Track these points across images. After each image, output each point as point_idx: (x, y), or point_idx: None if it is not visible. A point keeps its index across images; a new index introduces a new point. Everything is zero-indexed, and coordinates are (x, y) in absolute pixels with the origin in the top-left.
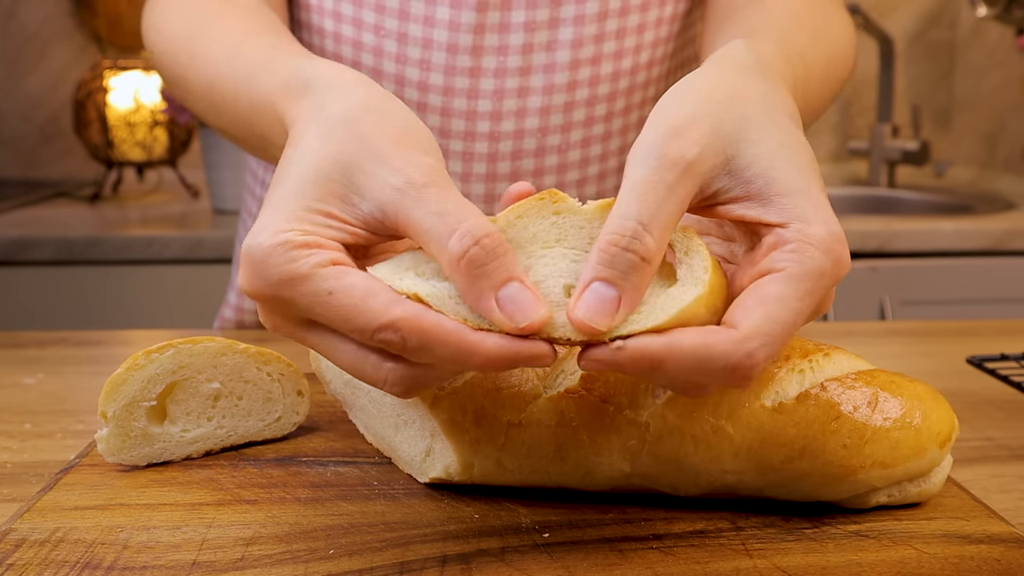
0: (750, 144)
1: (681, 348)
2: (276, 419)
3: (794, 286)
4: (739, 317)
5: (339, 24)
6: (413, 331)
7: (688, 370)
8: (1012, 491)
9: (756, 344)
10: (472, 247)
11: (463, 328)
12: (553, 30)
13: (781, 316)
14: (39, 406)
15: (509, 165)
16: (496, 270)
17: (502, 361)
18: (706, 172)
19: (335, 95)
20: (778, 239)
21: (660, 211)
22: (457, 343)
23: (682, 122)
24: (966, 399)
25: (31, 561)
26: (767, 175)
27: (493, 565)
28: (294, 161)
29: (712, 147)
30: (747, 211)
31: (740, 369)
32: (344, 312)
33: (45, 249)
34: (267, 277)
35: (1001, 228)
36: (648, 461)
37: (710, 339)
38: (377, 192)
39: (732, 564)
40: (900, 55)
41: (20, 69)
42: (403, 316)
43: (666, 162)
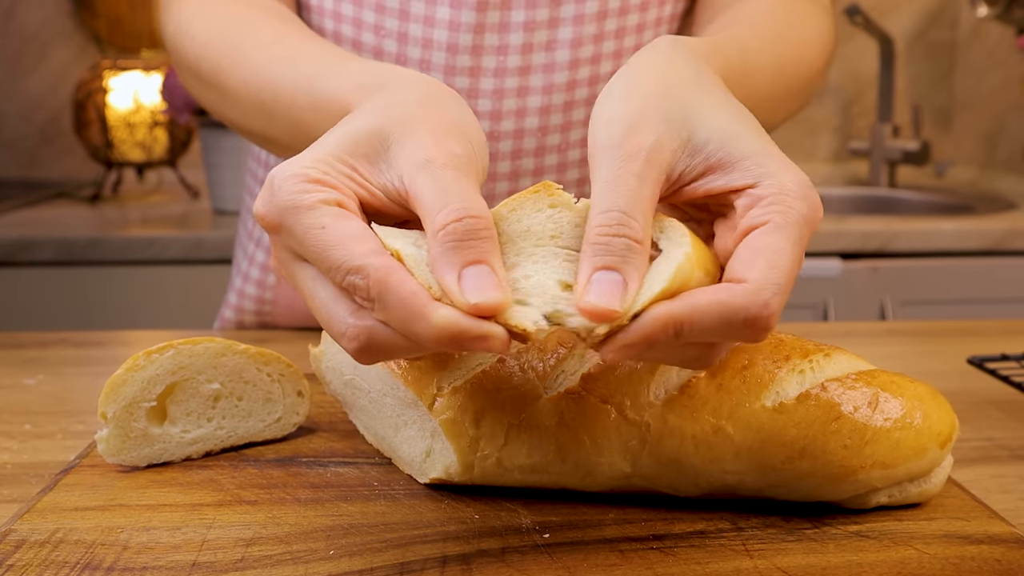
0: (701, 122)
1: (700, 307)
2: (276, 420)
3: (786, 234)
4: (743, 271)
5: (339, 24)
6: (377, 281)
7: (709, 329)
8: (1013, 491)
9: (770, 293)
10: (455, 222)
11: (423, 292)
12: (553, 30)
13: (783, 264)
14: (39, 407)
15: (509, 164)
16: (471, 248)
17: (449, 333)
18: (667, 159)
19: (403, 84)
20: (752, 199)
21: (635, 198)
22: (411, 304)
23: (632, 118)
24: (967, 399)
25: (31, 562)
26: (726, 146)
27: (493, 566)
28: (342, 124)
29: (667, 134)
30: (714, 183)
31: (760, 320)
32: (328, 247)
33: (45, 250)
34: (277, 201)
35: (1002, 228)
36: (648, 462)
37: (723, 295)
38: (402, 163)
39: (733, 564)
40: (900, 55)
41: (20, 70)
42: (374, 264)
43: (628, 155)
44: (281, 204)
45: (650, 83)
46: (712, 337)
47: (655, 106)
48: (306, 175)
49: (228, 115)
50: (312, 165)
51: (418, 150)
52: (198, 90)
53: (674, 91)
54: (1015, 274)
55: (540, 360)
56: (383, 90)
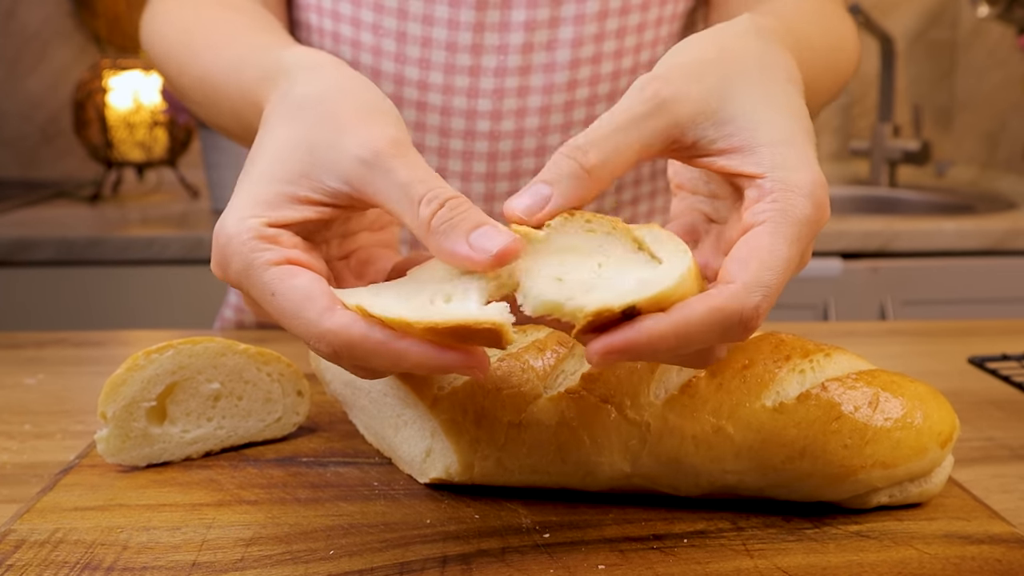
0: (735, 97)
1: (695, 318)
2: (276, 419)
3: (782, 234)
4: (735, 271)
5: (338, 24)
6: (343, 345)
7: (706, 338)
8: (1013, 491)
9: (759, 296)
10: (439, 209)
11: (389, 338)
12: (553, 29)
13: (775, 265)
14: (39, 407)
15: (509, 164)
16: (465, 219)
17: (430, 366)
18: (683, 116)
19: (304, 77)
20: (759, 191)
21: (612, 135)
22: (385, 353)
23: (668, 69)
24: (967, 399)
25: (31, 562)
26: (750, 128)
27: (493, 565)
28: (263, 143)
29: (691, 93)
30: (728, 162)
31: (746, 322)
32: (284, 317)
33: (45, 249)
34: (229, 265)
35: (1002, 228)
36: (648, 461)
37: (716, 301)
38: (344, 167)
39: (733, 564)
40: (901, 55)
41: (20, 69)
42: (331, 329)
43: (640, 97)
44: (233, 268)
45: (710, 47)
46: (709, 343)
47: (697, 68)
48: (251, 230)
49: (191, 108)
50: (252, 214)
51: (354, 147)
52: (168, 85)
53: (727, 58)
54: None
55: (540, 360)
56: (282, 76)
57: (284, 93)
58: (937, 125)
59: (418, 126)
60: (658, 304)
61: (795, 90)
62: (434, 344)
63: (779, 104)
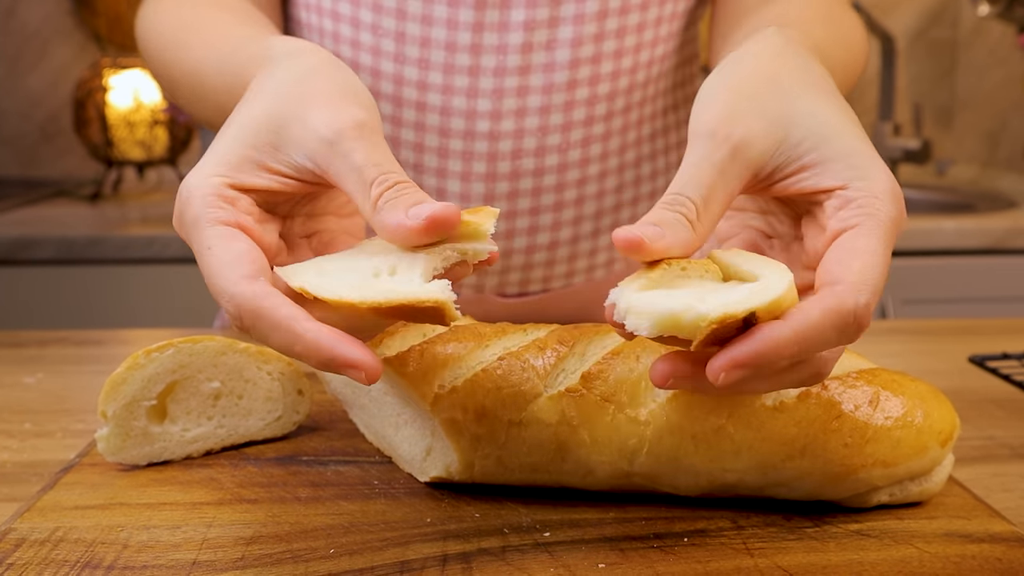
0: (800, 119)
1: (813, 320)
2: (276, 418)
3: (876, 236)
4: (839, 273)
5: (337, 24)
6: (249, 312)
7: (827, 340)
8: (1014, 490)
9: (868, 294)
10: (387, 190)
11: (296, 315)
12: (553, 29)
13: (877, 263)
14: (39, 405)
15: (509, 164)
16: (406, 197)
17: (320, 354)
18: (756, 154)
19: (286, 63)
20: (842, 200)
21: (704, 185)
22: (285, 328)
23: (729, 109)
24: (968, 398)
25: (31, 561)
26: (820, 146)
27: (494, 564)
28: (238, 114)
29: (760, 130)
30: (805, 182)
31: (860, 319)
32: (209, 273)
33: (45, 248)
34: (183, 216)
35: (1003, 227)
36: (648, 460)
37: (829, 302)
38: (309, 143)
39: (733, 563)
40: (902, 53)
41: (20, 68)
42: (243, 293)
43: (715, 144)
44: (186, 219)
45: (756, 75)
46: (828, 346)
47: (755, 100)
48: (211, 187)
49: (180, 103)
50: (217, 172)
51: (320, 126)
52: (157, 81)
53: (778, 86)
54: (1016, 272)
55: (540, 358)
56: (266, 61)
57: (267, 74)
58: (938, 124)
59: (417, 126)
60: (773, 312)
61: (838, 98)
62: (338, 334)
63: (837, 115)
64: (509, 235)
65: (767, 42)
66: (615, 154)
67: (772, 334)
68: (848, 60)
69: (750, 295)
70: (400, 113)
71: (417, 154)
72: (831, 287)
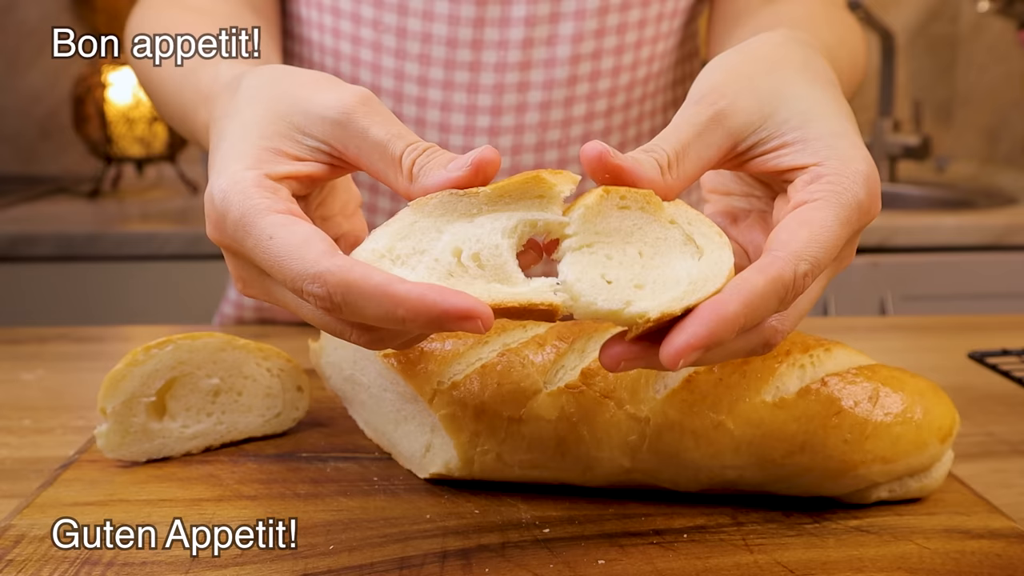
0: (790, 101)
1: (757, 291)
2: (276, 415)
3: (835, 213)
4: (784, 239)
5: (338, 20)
6: (338, 285)
7: (769, 309)
8: (1013, 486)
9: (807, 265)
10: (420, 156)
11: (390, 279)
12: (553, 25)
13: (824, 239)
14: (39, 402)
15: (509, 160)
16: (440, 156)
17: (429, 312)
18: (739, 125)
19: (249, 75)
20: (813, 175)
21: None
22: (382, 295)
23: (721, 82)
24: (967, 394)
25: (30, 557)
26: (803, 125)
27: (493, 560)
28: (229, 121)
29: (746, 103)
30: (782, 159)
31: (796, 289)
32: (280, 259)
33: (44, 245)
34: (227, 217)
35: (1002, 223)
36: (648, 456)
37: (772, 271)
38: (319, 127)
39: (733, 559)
40: (901, 50)
41: (19, 64)
42: (329, 269)
43: (699, 108)
44: (231, 219)
45: (756, 58)
46: (769, 314)
47: (751, 79)
48: (247, 180)
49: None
50: (246, 168)
51: (323, 110)
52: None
53: (776, 69)
54: (1016, 269)
55: (540, 355)
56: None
57: (234, 88)
58: (937, 120)
59: (418, 121)
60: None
61: (836, 91)
62: (440, 288)
63: (828, 102)
64: None
65: (772, 36)
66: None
67: (721, 311)
68: (851, 65)
69: (690, 290)
70: (400, 108)
71: None
72: (773, 253)
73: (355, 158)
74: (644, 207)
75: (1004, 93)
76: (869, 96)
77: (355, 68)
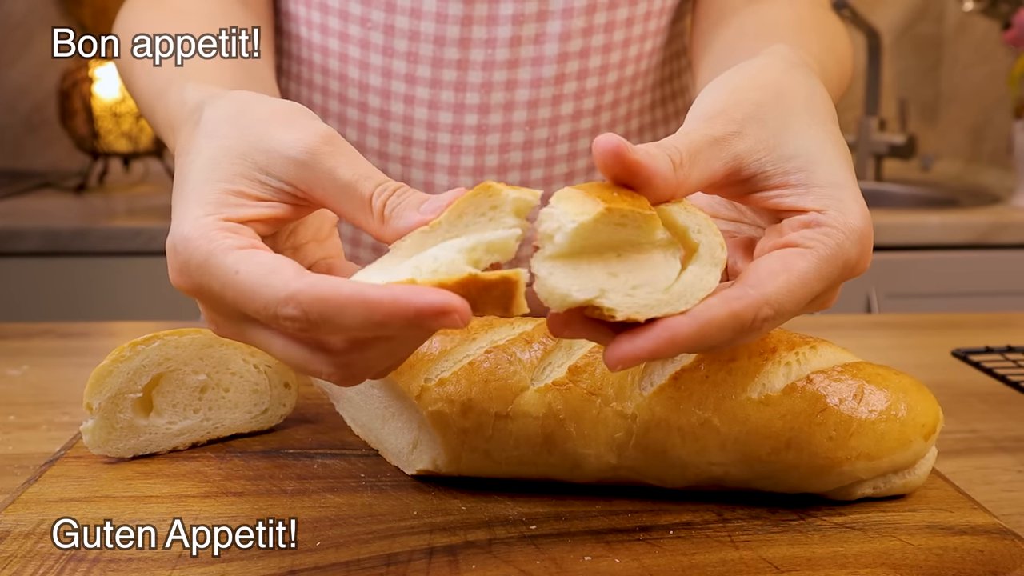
0: (794, 136)
1: (715, 322)
2: (263, 411)
3: (817, 268)
4: (762, 279)
5: (326, 16)
6: (313, 302)
7: (719, 338)
8: (995, 483)
9: (773, 311)
10: (389, 200)
11: (361, 287)
12: (541, 23)
13: (799, 294)
14: (24, 398)
15: (497, 158)
16: (413, 196)
17: (405, 311)
18: (745, 149)
19: (210, 105)
20: (812, 219)
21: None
22: (357, 303)
23: (729, 104)
24: (951, 391)
25: (15, 553)
26: (808, 168)
27: (480, 557)
28: (191, 159)
29: (754, 131)
30: (785, 199)
31: (755, 331)
32: (249, 291)
33: (30, 240)
34: (190, 262)
35: (987, 221)
36: (635, 453)
37: (736, 306)
38: (282, 167)
39: (718, 556)
40: (887, 49)
41: (4, 59)
42: (300, 288)
43: (709, 124)
44: (195, 263)
45: (762, 85)
46: (721, 343)
47: (758, 106)
48: (209, 224)
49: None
50: (206, 212)
51: (286, 149)
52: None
53: (782, 100)
54: (1000, 267)
55: (527, 352)
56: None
57: (195, 121)
58: (923, 119)
59: (406, 120)
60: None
61: (837, 128)
62: (413, 286)
63: (831, 145)
64: None
65: (777, 57)
66: None
67: (673, 334)
68: (839, 73)
69: (663, 301)
70: (388, 107)
71: (405, 148)
72: (745, 289)
73: (321, 199)
74: (641, 226)
75: (989, 92)
76: (855, 95)
77: (343, 65)
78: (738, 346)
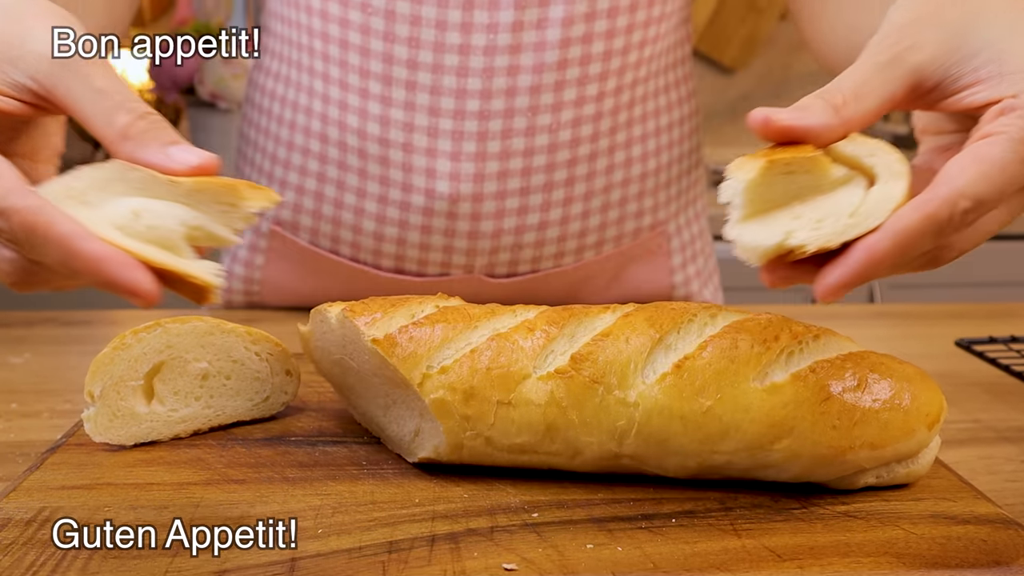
0: (979, 30)
1: (911, 229)
2: (264, 399)
3: (1013, 150)
4: (953, 173)
5: (326, 2)
6: (24, 224)
7: (920, 246)
8: (999, 472)
9: (968, 203)
10: (139, 120)
11: (75, 232)
12: (543, 8)
13: (996, 178)
14: (26, 385)
15: (499, 144)
16: (163, 132)
17: (101, 274)
18: (923, 60)
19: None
20: (1007, 105)
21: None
22: (66, 248)
23: (904, 20)
24: (954, 381)
25: (16, 540)
26: (999, 57)
27: (482, 544)
28: None
29: (932, 37)
30: (976, 96)
31: (955, 226)
32: None
33: None
34: None
35: None
36: (637, 442)
37: (928, 208)
38: (32, 63)
39: (721, 544)
40: None
41: None
42: (16, 207)
43: (880, 48)
44: None
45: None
46: (924, 249)
47: (934, 13)
48: None
49: None
50: None
51: (42, 45)
52: None
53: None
54: (1003, 258)
55: (529, 339)
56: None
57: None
58: None
59: (407, 105)
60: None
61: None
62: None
63: (1020, 28)
64: (499, 215)
65: None
66: (606, 135)
67: (871, 247)
68: None
69: (851, 224)
70: (389, 92)
71: (407, 133)
72: (936, 189)
73: (63, 100)
74: (810, 169)
75: None
76: None
77: (344, 51)
78: (741, 335)
